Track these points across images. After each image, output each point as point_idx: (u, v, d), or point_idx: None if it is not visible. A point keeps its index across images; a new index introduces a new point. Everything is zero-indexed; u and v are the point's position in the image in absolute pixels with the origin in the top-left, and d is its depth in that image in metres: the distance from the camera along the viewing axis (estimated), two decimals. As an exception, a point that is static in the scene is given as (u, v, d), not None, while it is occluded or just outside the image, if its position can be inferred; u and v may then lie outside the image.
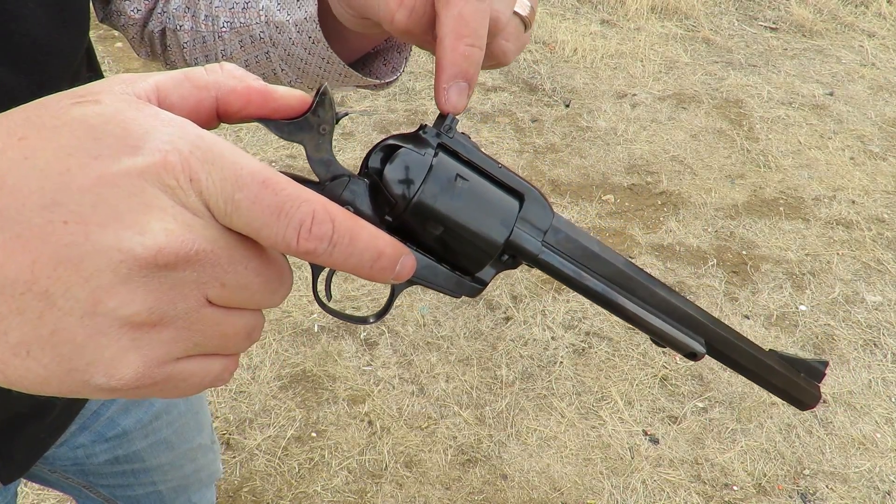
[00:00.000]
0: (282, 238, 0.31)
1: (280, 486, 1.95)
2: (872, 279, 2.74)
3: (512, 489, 1.99)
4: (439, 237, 0.39)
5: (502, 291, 2.57)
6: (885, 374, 2.38)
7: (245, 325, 0.33)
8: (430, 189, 0.38)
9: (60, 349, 0.28)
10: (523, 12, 0.41)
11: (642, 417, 2.20)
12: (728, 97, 3.81)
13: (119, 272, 0.27)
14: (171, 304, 0.29)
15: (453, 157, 0.39)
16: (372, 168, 0.38)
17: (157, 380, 0.31)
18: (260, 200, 0.30)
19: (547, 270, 0.43)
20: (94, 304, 0.28)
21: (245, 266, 0.31)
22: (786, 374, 0.50)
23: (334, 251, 0.32)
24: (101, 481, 0.96)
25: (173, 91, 0.32)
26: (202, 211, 0.29)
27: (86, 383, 0.29)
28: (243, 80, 0.33)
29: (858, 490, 2.04)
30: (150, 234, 0.28)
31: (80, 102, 0.29)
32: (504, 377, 2.29)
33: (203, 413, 1.06)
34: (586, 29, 4.34)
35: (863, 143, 3.52)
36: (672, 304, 0.45)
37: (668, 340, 0.46)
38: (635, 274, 0.45)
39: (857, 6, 4.87)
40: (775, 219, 3.00)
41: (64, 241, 0.27)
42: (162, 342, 0.30)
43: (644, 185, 3.15)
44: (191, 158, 0.29)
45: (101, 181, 0.27)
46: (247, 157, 0.30)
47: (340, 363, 2.28)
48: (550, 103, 3.67)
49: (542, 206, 0.42)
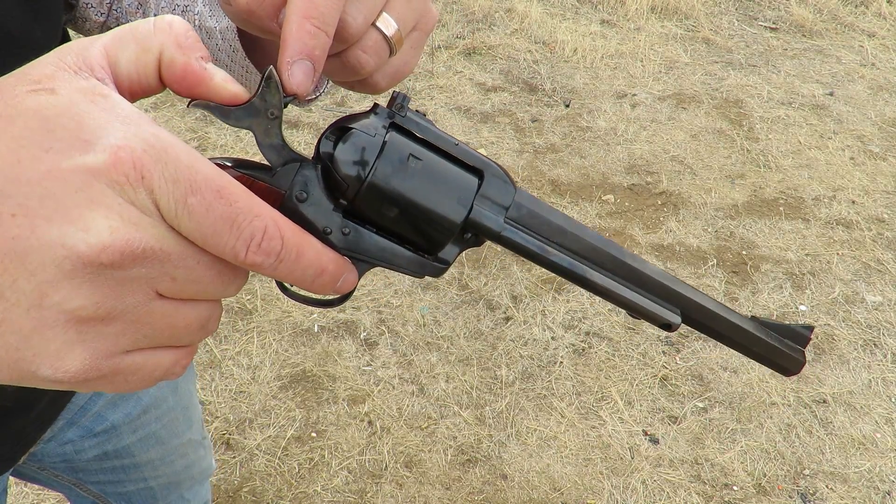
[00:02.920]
0: (230, 249, 0.31)
1: (280, 486, 1.95)
2: (872, 279, 2.74)
3: (512, 489, 1.99)
4: (396, 218, 0.38)
5: (502, 291, 2.57)
6: (885, 374, 2.38)
7: (198, 317, 0.33)
8: (382, 170, 0.37)
9: (7, 338, 0.28)
10: (387, 31, 0.40)
11: (642, 417, 2.20)
12: (728, 97, 3.81)
13: (63, 268, 0.27)
14: (118, 299, 0.29)
15: (406, 137, 0.38)
16: (323, 152, 0.37)
17: (105, 373, 0.30)
18: (213, 209, 0.30)
19: (510, 247, 0.42)
20: (39, 298, 0.28)
21: (196, 261, 0.31)
22: (767, 342, 0.49)
23: (279, 266, 0.33)
24: (91, 478, 0.96)
25: (121, 53, 0.31)
26: (151, 209, 0.29)
27: (33, 373, 0.29)
28: (186, 55, 0.32)
29: (858, 490, 2.04)
30: (95, 232, 0.27)
31: (36, 91, 0.28)
32: (504, 377, 2.29)
33: (193, 409, 1.06)
34: (586, 29, 4.34)
35: (863, 143, 3.52)
36: (644, 274, 0.45)
37: (641, 312, 0.45)
38: (604, 246, 0.44)
39: (857, 6, 4.87)
40: (775, 219, 3.00)
41: (11, 233, 0.27)
42: (109, 335, 0.30)
43: (644, 185, 3.15)
44: (143, 157, 0.28)
45: (50, 175, 0.27)
46: (203, 162, 0.30)
47: (340, 363, 2.28)
48: (550, 103, 3.67)
49: (502, 183, 0.41)
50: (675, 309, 0.46)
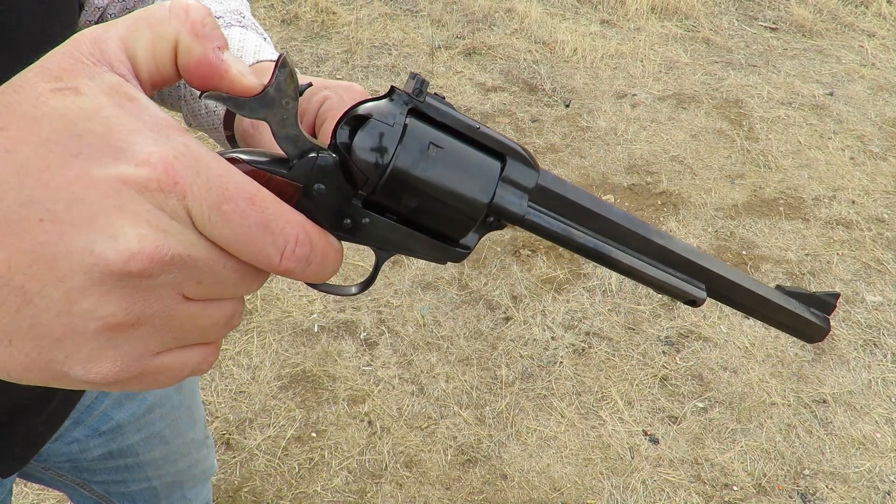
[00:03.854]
0: (263, 256, 0.31)
1: (280, 486, 1.95)
2: (872, 279, 2.74)
3: (512, 489, 1.99)
4: (417, 208, 0.37)
5: (502, 291, 2.57)
6: (885, 374, 2.38)
7: (223, 315, 0.33)
8: (402, 160, 0.36)
9: (40, 341, 0.28)
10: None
11: (642, 417, 2.20)
12: (728, 97, 3.81)
13: (91, 275, 0.27)
14: (147, 305, 0.29)
15: (426, 122, 0.37)
16: (340, 142, 0.36)
17: (135, 374, 0.31)
18: (246, 217, 0.30)
19: (534, 231, 0.41)
20: (68, 304, 0.28)
21: (223, 265, 0.31)
22: (792, 311, 0.49)
23: (307, 269, 0.33)
24: (95, 477, 0.96)
25: (137, 43, 0.30)
26: (181, 216, 0.29)
27: (65, 374, 0.29)
28: (203, 45, 0.31)
29: (858, 490, 2.04)
30: (123, 240, 0.27)
31: (60, 91, 0.28)
32: (504, 377, 2.29)
33: (196, 408, 1.06)
34: (586, 29, 4.34)
35: (863, 143, 3.52)
36: (670, 252, 0.44)
37: (667, 290, 0.45)
38: (630, 225, 0.43)
39: (857, 6, 4.87)
40: (775, 219, 3.00)
41: (39, 238, 0.27)
42: (138, 339, 0.30)
43: (644, 185, 3.15)
44: (176, 164, 0.28)
45: (79, 181, 0.27)
46: (233, 169, 0.30)
47: (340, 363, 2.28)
48: (550, 103, 3.67)
49: (526, 165, 0.40)
50: (700, 284, 0.45)
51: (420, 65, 3.89)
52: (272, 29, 4.05)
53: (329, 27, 4.13)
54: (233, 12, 0.68)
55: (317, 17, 4.17)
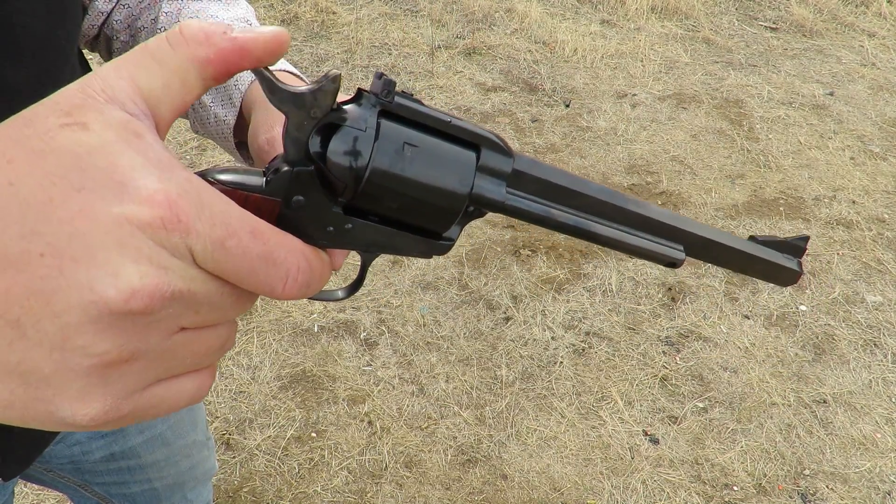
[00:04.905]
0: (266, 285, 0.31)
1: (280, 486, 1.95)
2: (872, 279, 2.74)
3: (512, 489, 1.99)
4: (398, 208, 0.38)
5: (502, 291, 2.57)
6: (885, 374, 2.38)
7: (218, 338, 0.33)
8: (378, 165, 0.36)
9: (27, 378, 0.28)
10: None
11: (642, 417, 2.20)
12: (728, 97, 3.81)
13: (89, 312, 0.27)
14: (142, 340, 0.29)
15: (398, 122, 0.37)
16: (314, 152, 0.36)
17: (126, 413, 0.30)
18: (249, 250, 0.30)
19: (515, 215, 0.42)
20: (63, 340, 0.27)
21: (220, 294, 0.31)
22: (765, 259, 0.51)
23: (306, 293, 0.34)
24: (97, 479, 0.96)
25: (151, 81, 0.30)
26: (182, 252, 0.29)
27: (51, 414, 0.29)
28: (212, 44, 0.31)
29: (859, 490, 2.04)
30: (124, 277, 0.27)
31: (68, 126, 0.28)
32: (504, 377, 2.29)
33: (197, 410, 1.06)
34: (586, 29, 4.34)
35: (863, 143, 3.52)
36: (648, 218, 0.45)
37: (648, 255, 0.46)
38: (606, 197, 0.44)
39: (857, 6, 4.87)
40: (775, 219, 3.00)
41: (38, 272, 0.26)
42: (131, 374, 0.30)
43: (644, 185, 3.15)
44: (179, 201, 0.28)
45: (81, 215, 0.27)
46: (233, 205, 0.30)
47: (340, 363, 2.28)
48: (550, 103, 3.67)
49: (500, 153, 0.40)
50: (678, 246, 0.47)
51: (420, 64, 3.89)
52: (272, 29, 4.05)
53: (329, 27, 4.12)
54: (240, 20, 0.69)
55: (317, 17, 4.17)
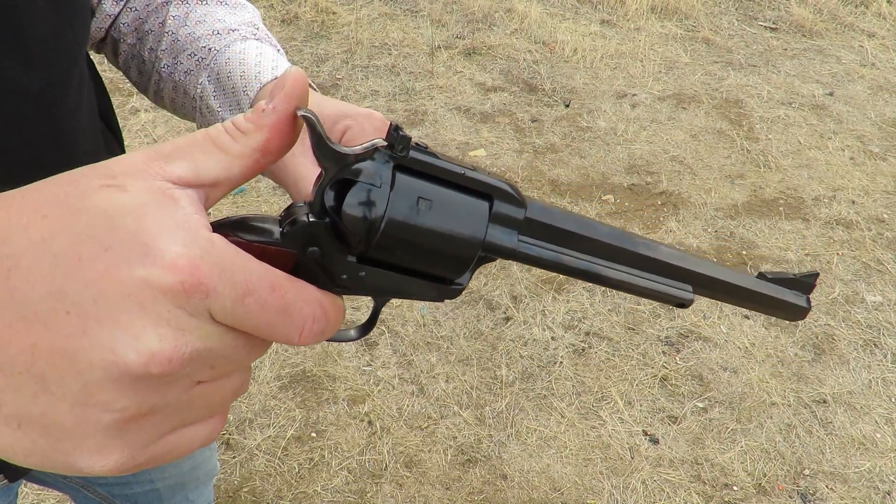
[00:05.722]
0: (283, 336, 0.32)
1: (280, 486, 1.95)
2: (872, 279, 2.74)
3: (512, 489, 1.99)
4: (411, 258, 0.38)
5: (502, 291, 2.57)
6: (885, 374, 2.38)
7: (232, 387, 0.34)
8: (392, 220, 0.36)
9: (49, 429, 0.29)
10: None
11: (642, 417, 2.20)
12: (728, 97, 3.81)
13: (110, 372, 0.28)
14: (161, 397, 0.30)
15: (412, 176, 0.38)
16: (329, 206, 0.37)
17: (141, 462, 0.31)
18: (268, 305, 0.31)
19: (526, 261, 0.43)
20: (85, 397, 0.28)
21: (234, 347, 0.32)
22: (773, 297, 0.52)
23: (321, 339, 0.34)
24: (99, 480, 0.96)
25: (209, 169, 0.32)
26: (201, 312, 0.29)
27: (70, 464, 0.30)
28: (266, 129, 0.33)
29: (858, 490, 2.04)
30: (144, 341, 0.28)
31: (107, 187, 0.29)
32: (504, 377, 2.29)
33: None
34: (586, 29, 4.34)
35: (863, 143, 3.52)
36: (656, 261, 0.45)
37: (656, 297, 0.46)
38: (617, 242, 0.44)
39: (857, 6, 4.87)
40: (775, 219, 3.00)
41: (64, 331, 0.27)
42: (148, 427, 0.31)
43: (644, 185, 3.15)
44: (202, 264, 0.29)
45: (106, 276, 0.27)
46: (253, 261, 0.31)
47: (340, 363, 2.28)
48: (550, 103, 3.67)
49: (512, 202, 0.41)
50: (686, 286, 0.47)
51: (420, 65, 3.89)
52: (272, 29, 4.04)
53: (329, 27, 4.13)
54: (248, 24, 0.70)
55: (317, 17, 4.17)
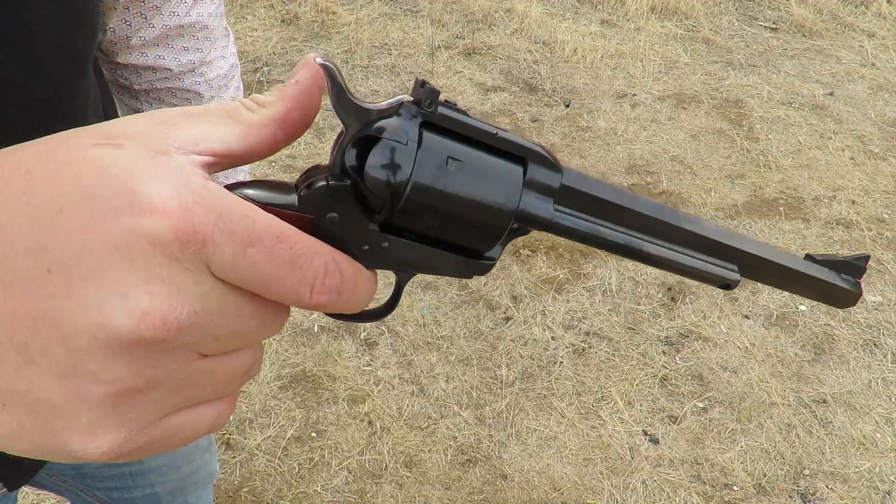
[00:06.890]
0: (293, 293, 0.29)
1: (280, 486, 1.95)
2: (872, 279, 2.74)
3: (512, 489, 1.99)
4: (440, 226, 0.35)
5: (502, 291, 2.57)
6: (885, 374, 2.38)
7: (241, 365, 0.31)
8: (419, 181, 0.33)
9: (36, 407, 0.26)
10: None
11: (642, 417, 2.20)
12: (728, 97, 3.81)
13: (98, 336, 0.25)
14: (158, 367, 0.27)
15: (441, 134, 0.34)
16: (350, 166, 0.33)
17: (140, 445, 0.28)
18: (275, 256, 0.28)
19: (562, 233, 0.39)
20: (72, 367, 0.25)
21: (239, 314, 0.28)
22: (823, 280, 0.48)
23: (339, 300, 0.31)
24: (99, 484, 0.96)
25: (222, 135, 0.29)
26: (198, 266, 0.26)
27: (60, 447, 0.27)
28: (288, 100, 0.30)
29: (858, 490, 2.04)
30: (134, 298, 0.25)
31: (101, 145, 0.26)
32: (504, 377, 2.29)
33: None
34: (586, 29, 4.34)
35: (863, 143, 3.52)
36: (700, 237, 0.42)
37: (701, 276, 0.43)
38: (659, 215, 0.41)
39: (857, 6, 4.87)
40: (775, 219, 3.00)
41: (46, 292, 0.24)
42: (147, 404, 0.27)
43: (644, 185, 3.15)
44: (195, 209, 0.26)
45: (89, 227, 0.25)
46: (256, 209, 0.28)
47: (340, 363, 2.28)
48: (550, 103, 3.67)
49: (548, 167, 0.37)
50: (733, 266, 0.44)
51: (420, 65, 3.89)
52: (272, 29, 4.04)
53: (329, 27, 4.13)
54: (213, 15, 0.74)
55: (317, 17, 4.17)
